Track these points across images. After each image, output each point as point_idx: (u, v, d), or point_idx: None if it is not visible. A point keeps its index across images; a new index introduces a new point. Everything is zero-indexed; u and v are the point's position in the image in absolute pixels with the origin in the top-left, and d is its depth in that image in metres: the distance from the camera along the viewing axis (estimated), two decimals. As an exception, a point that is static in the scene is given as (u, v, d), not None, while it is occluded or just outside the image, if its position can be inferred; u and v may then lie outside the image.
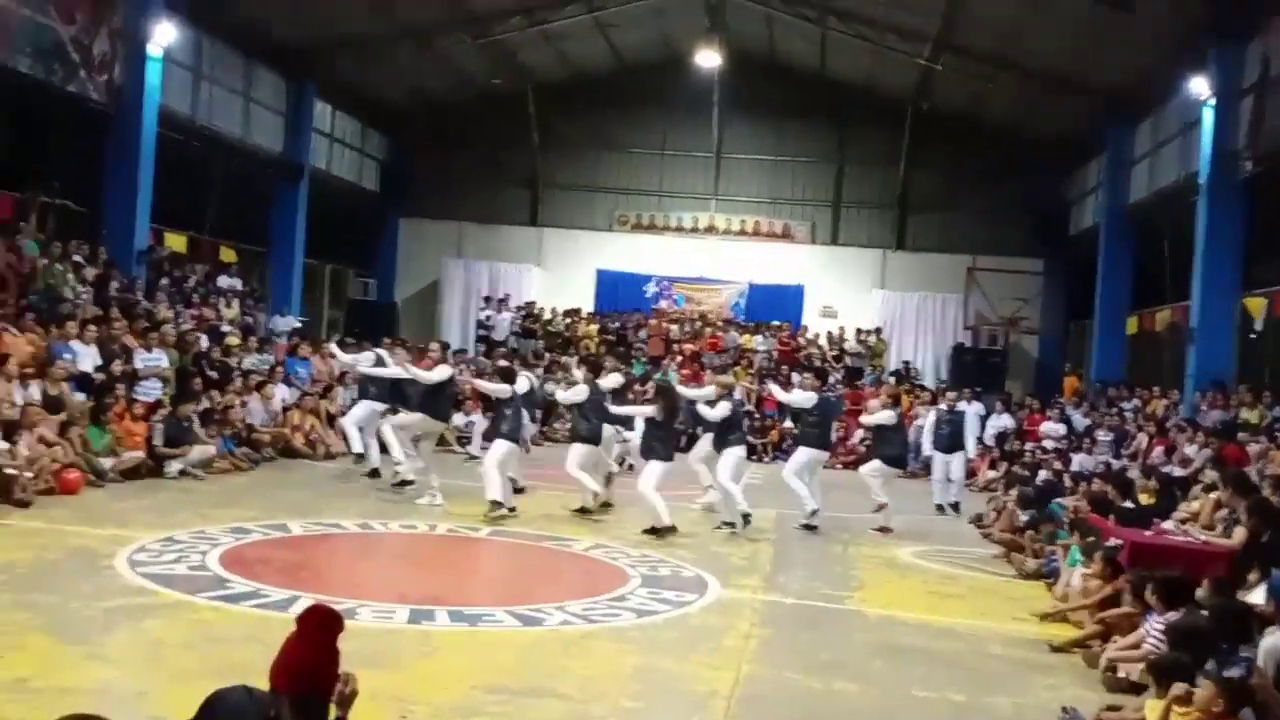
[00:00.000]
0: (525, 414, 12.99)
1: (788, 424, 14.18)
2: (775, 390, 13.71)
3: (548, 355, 23.93)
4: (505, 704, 5.71)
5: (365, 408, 13.68)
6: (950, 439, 14.86)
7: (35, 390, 11.96)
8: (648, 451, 11.39)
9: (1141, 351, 21.88)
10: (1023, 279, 26.29)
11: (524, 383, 12.94)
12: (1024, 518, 11.80)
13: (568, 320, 25.85)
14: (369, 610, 7.28)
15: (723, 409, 11.89)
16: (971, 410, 16.71)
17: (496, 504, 11.12)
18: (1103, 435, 17.60)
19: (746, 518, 11.42)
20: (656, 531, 10.78)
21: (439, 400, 12.42)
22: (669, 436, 11.57)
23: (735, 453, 11.86)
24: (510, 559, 10.12)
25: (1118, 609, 7.80)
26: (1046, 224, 25.77)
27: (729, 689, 6.26)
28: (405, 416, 12.50)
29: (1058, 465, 15.64)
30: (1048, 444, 18.28)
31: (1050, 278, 26.27)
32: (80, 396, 12.56)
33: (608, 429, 12.34)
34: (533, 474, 13.47)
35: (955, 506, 14.60)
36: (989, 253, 26.31)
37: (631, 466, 13.19)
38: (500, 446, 11.51)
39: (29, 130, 16.55)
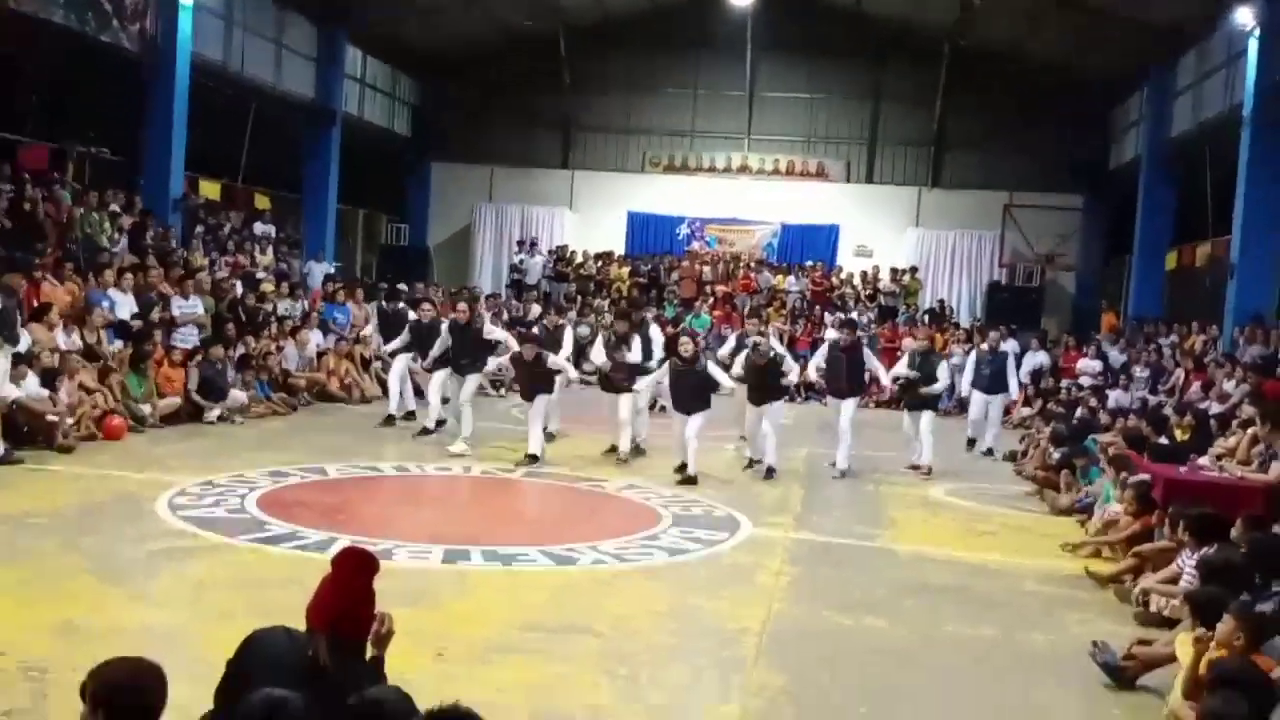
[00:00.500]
0: None
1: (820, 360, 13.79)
2: (882, 376, 13.16)
3: (579, 298, 23.96)
4: (540, 641, 5.81)
5: (403, 361, 13.77)
6: (991, 379, 14.44)
7: (75, 338, 12.15)
8: (684, 405, 11.27)
9: (1180, 287, 21.61)
10: (1061, 215, 25.91)
11: (569, 337, 13.06)
12: (1057, 455, 11.76)
13: (599, 263, 25.82)
14: (405, 551, 7.40)
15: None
16: (1009, 349, 16.40)
17: (533, 458, 11.20)
18: (1139, 372, 17.45)
19: (771, 471, 11.41)
20: (689, 479, 10.80)
21: (479, 355, 12.47)
22: (701, 385, 11.42)
23: (780, 407, 11.84)
24: (543, 500, 10.23)
25: (1152, 544, 7.80)
26: (1086, 159, 25.34)
27: (760, 626, 6.33)
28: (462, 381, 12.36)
29: (1094, 402, 15.51)
30: (1084, 381, 18.14)
31: (1089, 214, 25.86)
32: (118, 344, 12.75)
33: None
34: (566, 418, 13.53)
35: (990, 453, 14.29)
36: (1026, 189, 25.91)
37: (664, 408, 13.21)
38: (542, 401, 11.55)
39: (64, 81, 16.63)
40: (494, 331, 13.16)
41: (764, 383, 11.40)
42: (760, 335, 11.66)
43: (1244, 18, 16.70)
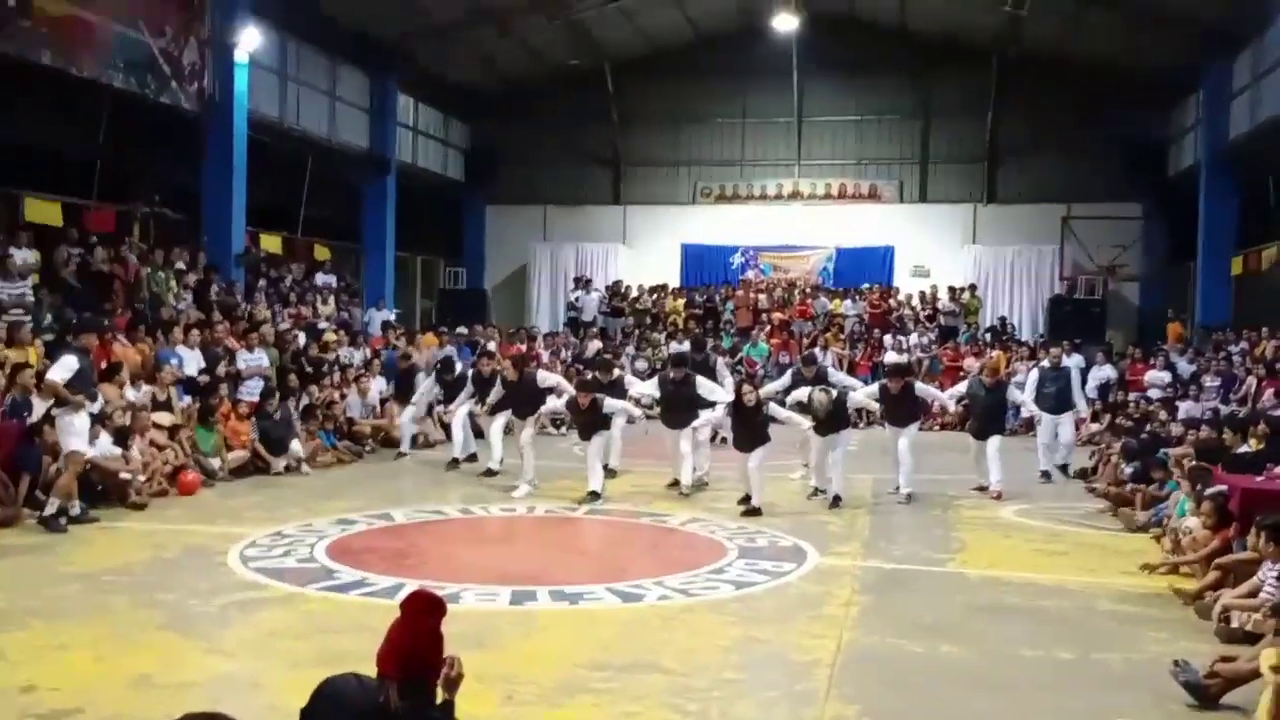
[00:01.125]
0: None
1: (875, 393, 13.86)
2: (942, 398, 13.50)
3: (636, 332, 24.06)
4: (609, 680, 5.78)
5: (465, 406, 13.83)
6: (1057, 398, 13.79)
7: (146, 396, 12.41)
8: (745, 445, 11.22)
9: (1248, 292, 21.16)
10: (1120, 225, 25.51)
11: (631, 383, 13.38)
12: (1129, 470, 11.54)
13: (654, 297, 25.88)
14: (472, 593, 7.43)
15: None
16: (1073, 364, 15.85)
17: (595, 495, 11.29)
18: (1210, 381, 17.08)
19: (837, 500, 11.32)
20: (754, 511, 10.76)
21: (536, 403, 12.57)
22: (763, 425, 11.28)
23: (848, 435, 11.86)
24: (608, 537, 10.21)
25: (1234, 555, 7.60)
26: (1143, 166, 24.97)
27: (831, 657, 6.26)
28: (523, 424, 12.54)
29: (1164, 415, 15.19)
30: (1153, 393, 17.81)
31: (1149, 222, 25.45)
32: (187, 400, 13.01)
33: None
34: (626, 453, 13.54)
35: (1064, 469, 13.84)
36: (1084, 200, 25.60)
37: (725, 440, 13.20)
38: (600, 438, 11.77)
39: (127, 143, 17.08)
40: (547, 379, 13.21)
41: (830, 419, 11.34)
42: (821, 390, 11.58)
43: (1298, 15, 16.44)
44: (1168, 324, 23.17)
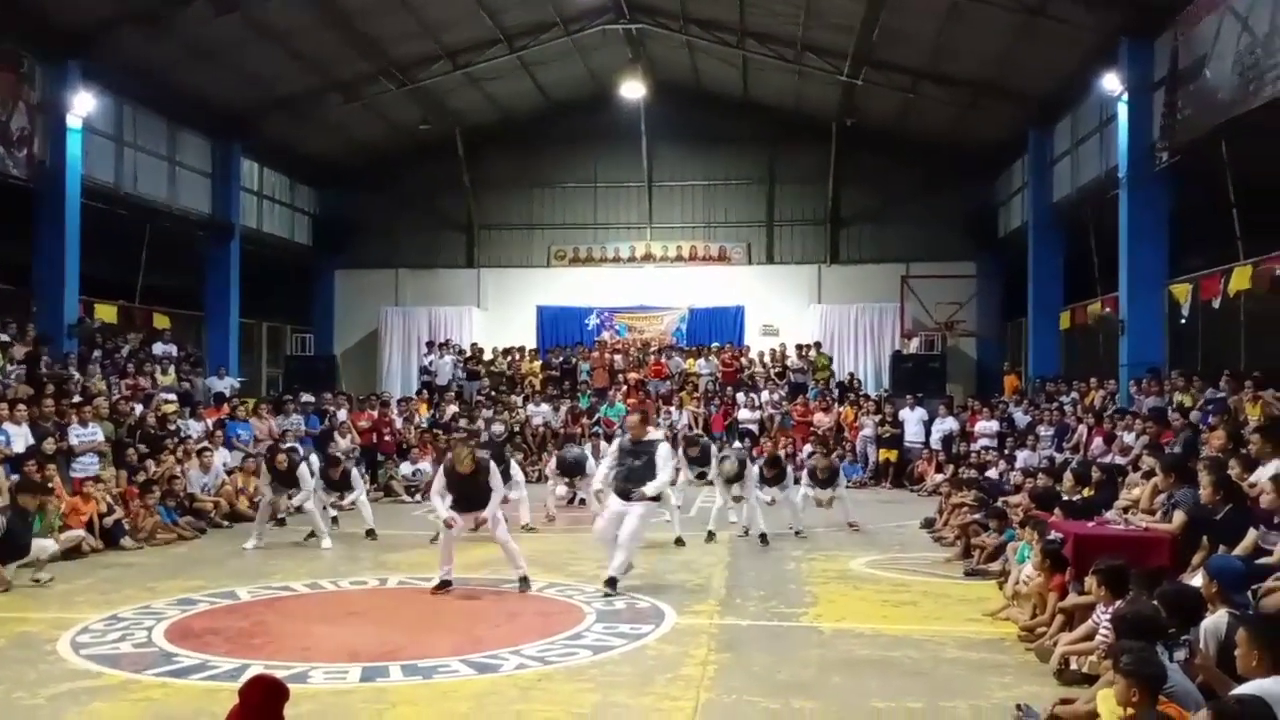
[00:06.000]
0: None
1: (736, 444, 14.37)
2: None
3: (492, 394, 23.90)
4: (463, 755, 5.66)
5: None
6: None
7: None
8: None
9: (1076, 345, 22.28)
10: (956, 283, 26.68)
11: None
12: (978, 516, 11.93)
13: (510, 359, 25.80)
14: (321, 672, 7.18)
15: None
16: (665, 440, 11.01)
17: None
18: (1044, 430, 17.84)
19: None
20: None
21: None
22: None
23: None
24: (463, 607, 10.00)
25: (1078, 598, 7.89)
26: (977, 227, 26.20)
27: (688, 718, 6.25)
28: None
29: (1002, 464, 15.80)
30: (983, 442, 18.55)
31: (983, 280, 26.67)
32: (14, 478, 12.32)
33: None
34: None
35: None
36: (922, 259, 26.68)
37: (583, 501, 13.30)
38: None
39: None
40: (305, 479, 13.05)
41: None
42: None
43: (1112, 84, 17.50)
44: (1004, 377, 24.19)
